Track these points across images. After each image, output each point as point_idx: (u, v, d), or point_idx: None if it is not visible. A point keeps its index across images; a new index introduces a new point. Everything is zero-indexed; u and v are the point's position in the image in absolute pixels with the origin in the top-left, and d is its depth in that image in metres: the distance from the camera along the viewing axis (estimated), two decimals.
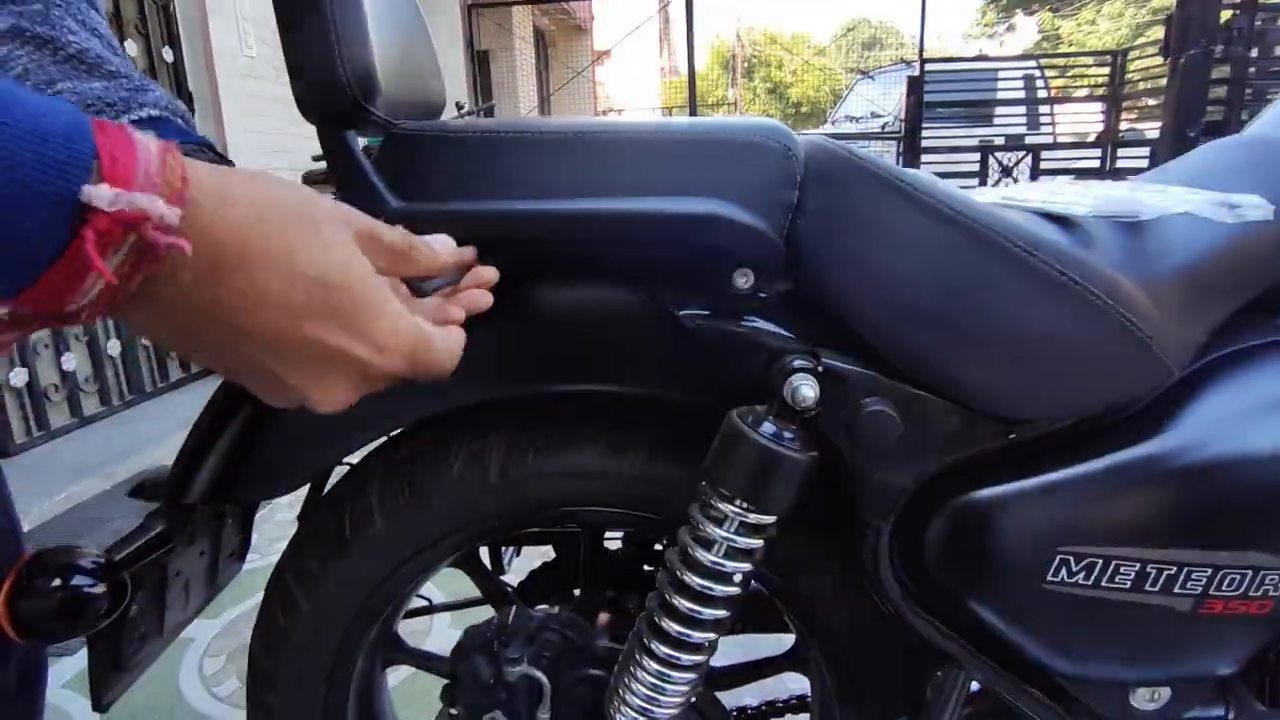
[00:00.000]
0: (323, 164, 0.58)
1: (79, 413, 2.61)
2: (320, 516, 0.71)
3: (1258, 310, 0.62)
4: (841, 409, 0.53)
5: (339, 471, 0.76)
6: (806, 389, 0.51)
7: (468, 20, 5.56)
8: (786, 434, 0.53)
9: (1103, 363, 0.52)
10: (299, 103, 0.56)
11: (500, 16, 7.82)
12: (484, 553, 0.94)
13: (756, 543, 0.56)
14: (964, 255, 0.51)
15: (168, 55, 3.04)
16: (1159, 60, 5.73)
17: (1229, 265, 0.56)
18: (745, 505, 0.54)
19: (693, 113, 7.19)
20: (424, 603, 0.96)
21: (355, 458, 0.72)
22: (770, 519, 0.55)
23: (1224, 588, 0.54)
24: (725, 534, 0.55)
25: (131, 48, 2.85)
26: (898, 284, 0.52)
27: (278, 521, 2.06)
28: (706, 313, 0.56)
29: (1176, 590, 0.54)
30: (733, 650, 0.89)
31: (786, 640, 0.84)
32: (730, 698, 0.86)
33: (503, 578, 0.93)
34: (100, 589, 0.56)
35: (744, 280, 0.54)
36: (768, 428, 0.53)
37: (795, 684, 0.91)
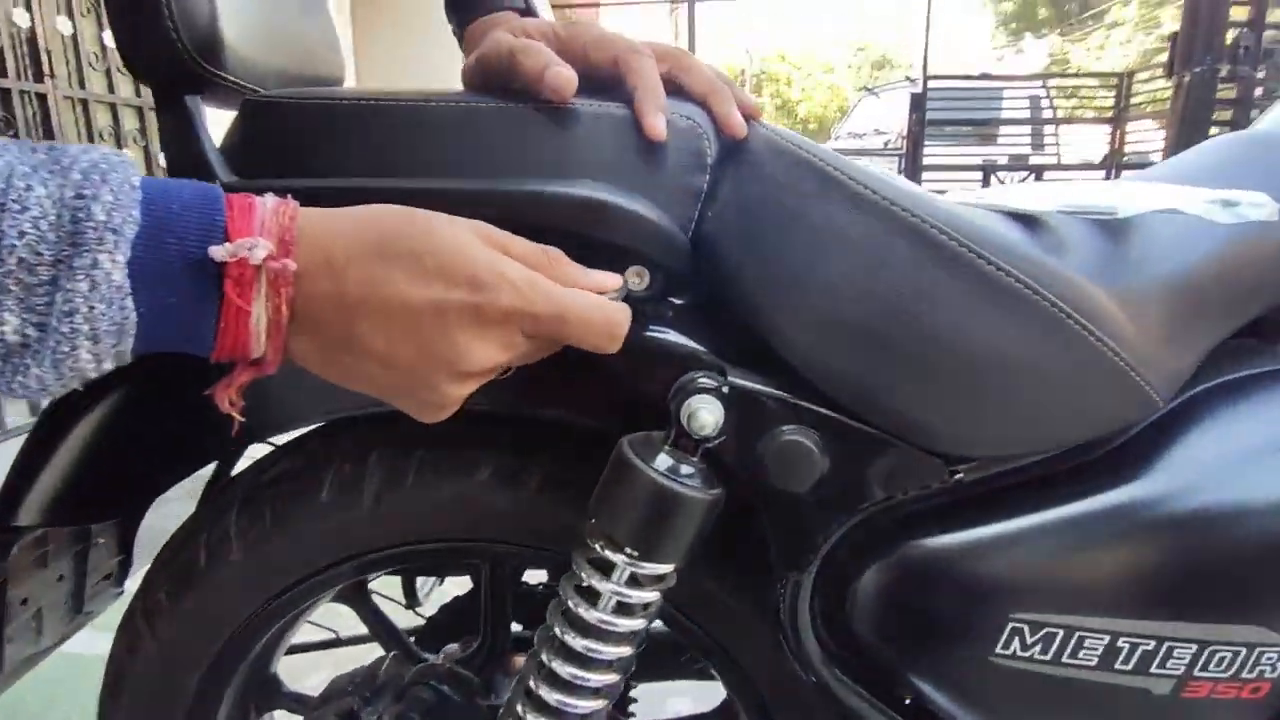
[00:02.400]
0: None
1: None
2: (175, 546, 0.62)
3: (1258, 334, 0.53)
4: (751, 438, 0.44)
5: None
6: (705, 413, 0.42)
7: None
8: (684, 468, 0.44)
9: (1067, 390, 0.43)
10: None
11: None
12: (394, 584, 0.85)
13: (652, 595, 0.47)
14: (902, 256, 0.42)
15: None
16: (1165, 84, 5.67)
17: (1225, 277, 0.47)
18: (636, 553, 0.45)
19: None
20: (330, 635, 0.87)
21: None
22: (667, 568, 0.46)
23: (1212, 668, 0.45)
24: (614, 586, 0.46)
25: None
26: (824, 290, 0.43)
27: None
28: None
29: (1154, 670, 0.44)
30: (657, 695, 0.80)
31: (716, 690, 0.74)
32: None
33: (419, 610, 0.84)
34: None
35: (637, 281, 0.45)
36: (663, 460, 0.44)
37: None
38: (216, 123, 0.49)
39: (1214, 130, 2.93)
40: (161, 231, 0.33)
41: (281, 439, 0.63)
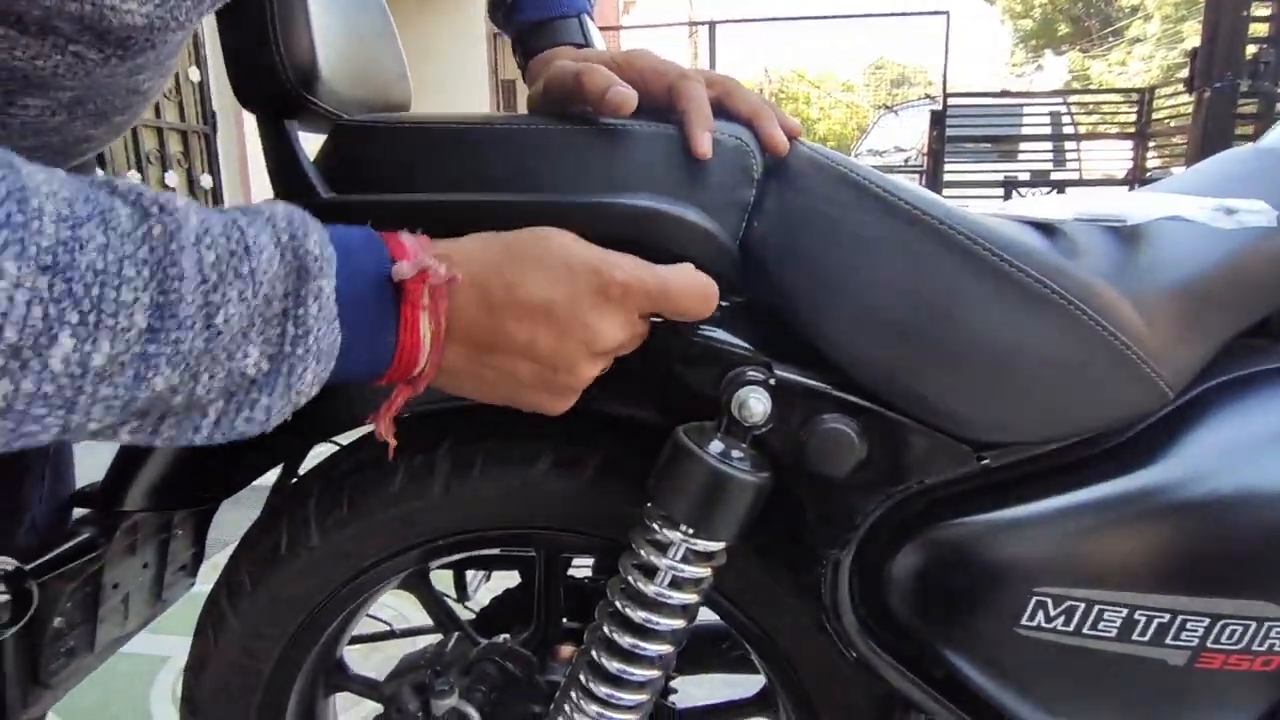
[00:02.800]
0: None
1: None
2: (258, 530, 0.67)
3: (1267, 333, 0.57)
4: (795, 426, 0.49)
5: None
6: (755, 403, 0.47)
7: (493, 48, 5.64)
8: (735, 453, 0.48)
9: (1085, 382, 0.47)
10: (235, 89, 0.54)
11: None
12: (447, 577, 0.90)
13: (704, 571, 0.52)
14: (932, 260, 0.46)
15: (194, 75, 3.11)
16: (1187, 99, 5.66)
17: (1232, 280, 0.51)
18: (691, 530, 0.49)
19: None
20: (384, 627, 0.92)
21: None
22: (719, 545, 0.51)
23: (1224, 640, 0.48)
24: (670, 562, 0.51)
25: None
26: (860, 291, 0.48)
27: None
28: (657, 320, 0.52)
29: (1169, 641, 0.48)
30: (696, 690, 0.84)
31: (757, 681, 0.78)
32: None
33: (469, 604, 0.89)
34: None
35: None
36: (715, 445, 0.48)
37: None
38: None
39: (1236, 145, 2.94)
40: (348, 262, 0.37)
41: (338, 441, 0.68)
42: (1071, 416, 0.48)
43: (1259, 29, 2.95)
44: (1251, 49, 2.91)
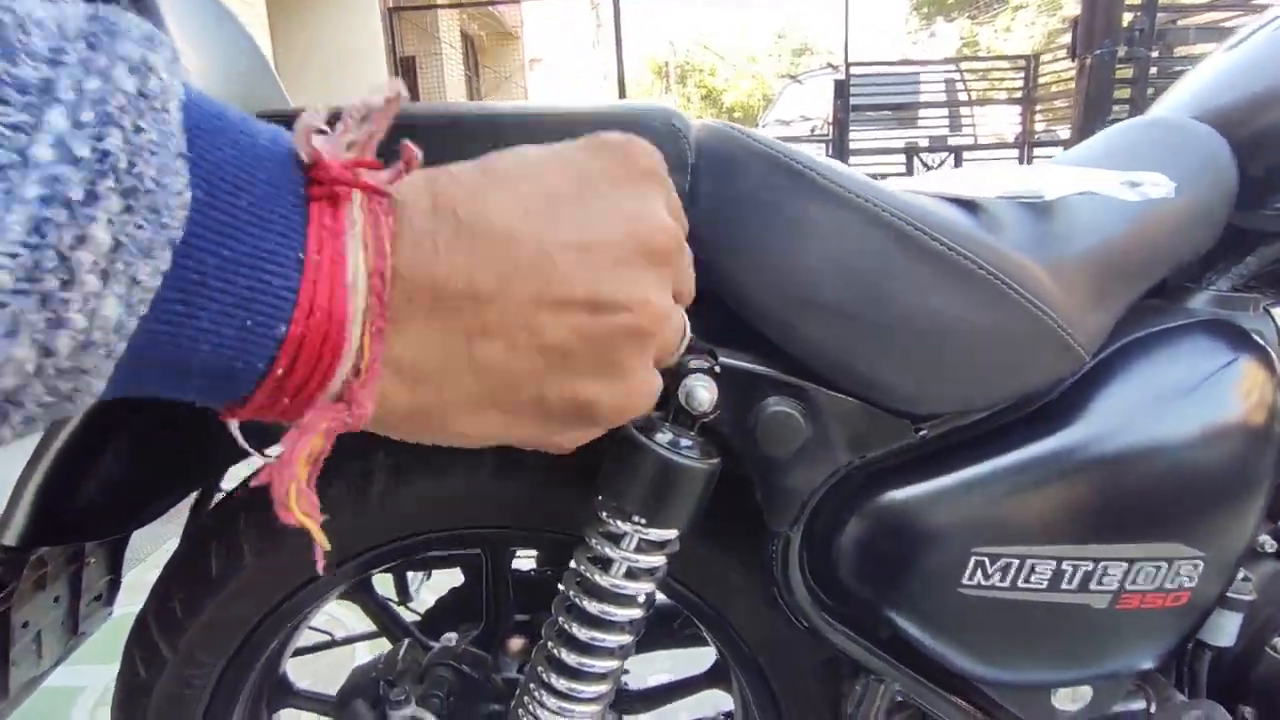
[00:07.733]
0: None
1: None
2: (184, 554, 0.64)
3: (1163, 295, 0.61)
4: (742, 411, 0.49)
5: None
6: (701, 391, 0.47)
7: (389, 24, 5.41)
8: (684, 441, 0.48)
9: (1010, 351, 0.49)
10: None
11: (425, 21, 7.63)
12: (389, 579, 0.87)
13: (659, 560, 0.52)
14: (863, 241, 0.47)
15: None
16: (1069, 65, 5.98)
17: (1135, 246, 0.54)
18: (644, 520, 0.49)
19: None
20: (325, 637, 0.89)
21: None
22: (672, 533, 0.51)
23: (1139, 581, 0.52)
24: (624, 553, 0.51)
25: None
26: (795, 273, 0.48)
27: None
28: None
29: (1093, 587, 0.52)
30: (650, 668, 0.85)
31: (708, 656, 0.80)
32: (658, 717, 0.82)
33: (411, 605, 0.87)
34: None
35: None
36: (664, 435, 0.48)
37: (725, 700, 0.86)
38: None
39: (1116, 108, 3.16)
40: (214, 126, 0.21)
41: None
42: (998, 384, 0.50)
43: None
44: (1127, 17, 3.12)
